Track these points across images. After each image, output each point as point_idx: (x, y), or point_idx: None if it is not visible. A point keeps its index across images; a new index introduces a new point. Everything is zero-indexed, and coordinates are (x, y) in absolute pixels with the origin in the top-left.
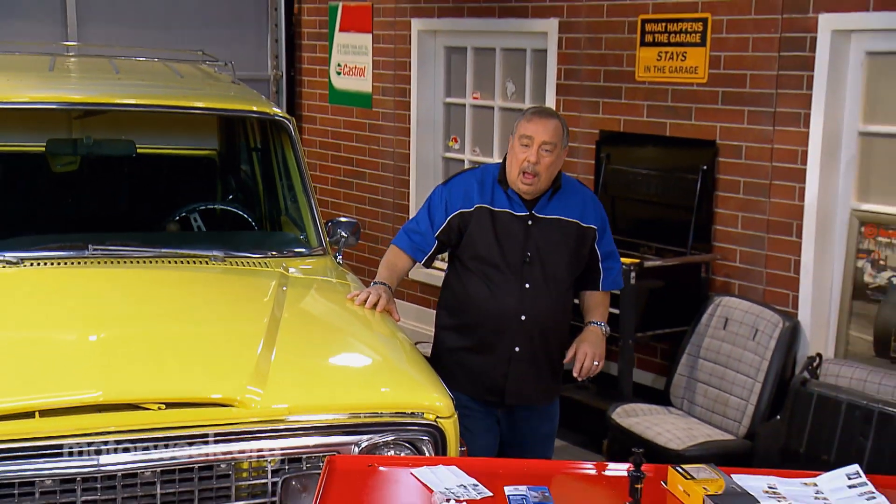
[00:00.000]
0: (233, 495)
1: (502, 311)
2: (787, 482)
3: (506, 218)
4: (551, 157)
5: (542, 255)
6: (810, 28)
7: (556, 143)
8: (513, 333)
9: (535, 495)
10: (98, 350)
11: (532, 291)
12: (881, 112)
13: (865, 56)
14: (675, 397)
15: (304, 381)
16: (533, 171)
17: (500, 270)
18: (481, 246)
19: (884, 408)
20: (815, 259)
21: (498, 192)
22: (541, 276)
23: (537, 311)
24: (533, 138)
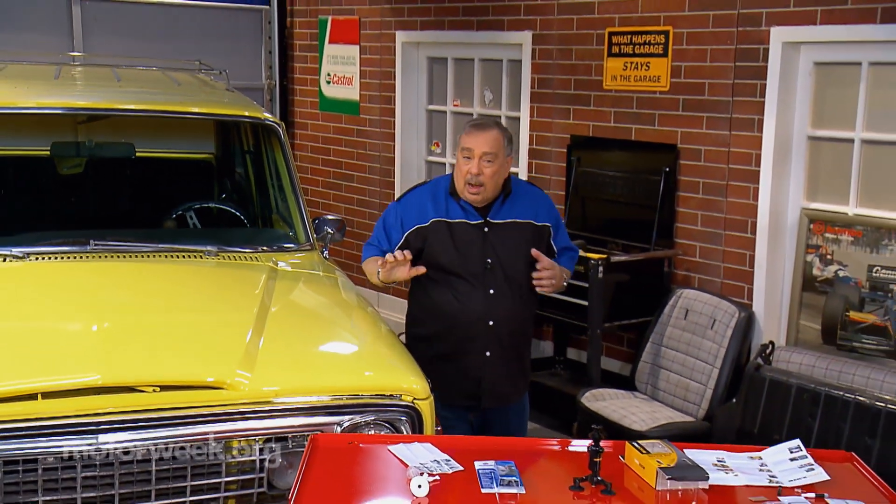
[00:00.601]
0: (223, 472)
1: (470, 319)
2: (735, 456)
3: (463, 228)
4: (493, 166)
5: (501, 259)
6: (763, 40)
7: (497, 153)
8: (483, 339)
9: (502, 469)
10: (97, 337)
11: (497, 296)
12: (828, 118)
13: (813, 66)
14: (640, 383)
15: (290, 366)
16: (476, 182)
17: (463, 279)
18: (442, 257)
19: (830, 391)
20: (768, 254)
21: (451, 203)
22: (503, 280)
23: (504, 315)
24: (473, 150)
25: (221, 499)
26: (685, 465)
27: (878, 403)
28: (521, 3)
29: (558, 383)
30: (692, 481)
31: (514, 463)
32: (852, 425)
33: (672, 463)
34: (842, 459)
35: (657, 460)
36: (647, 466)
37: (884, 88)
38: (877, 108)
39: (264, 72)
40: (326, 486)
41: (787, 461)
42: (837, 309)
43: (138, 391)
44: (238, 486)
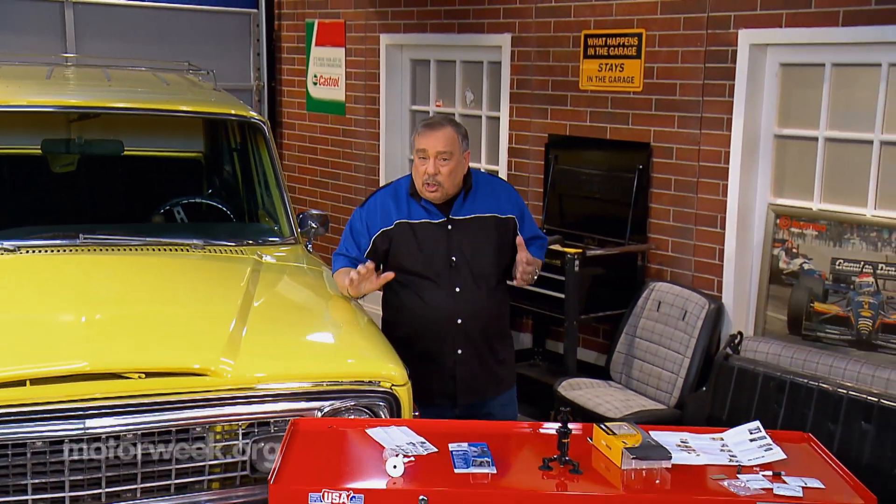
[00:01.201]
0: (207, 455)
1: (438, 319)
2: (698, 437)
3: (426, 228)
4: (450, 164)
5: (467, 256)
6: (731, 42)
7: (452, 151)
8: (453, 338)
9: (474, 450)
10: (85, 326)
11: (464, 294)
12: (794, 117)
13: (780, 67)
14: (615, 372)
15: (272, 353)
16: (434, 181)
17: (428, 279)
18: (406, 259)
19: (794, 378)
20: (736, 248)
21: (413, 204)
22: (469, 277)
23: (472, 312)
24: (427, 150)
25: (206, 482)
26: (649, 445)
27: (840, 390)
28: (500, 7)
29: (537, 374)
30: (656, 461)
31: (486, 445)
32: (816, 411)
33: (637, 444)
34: (799, 440)
35: (623, 441)
36: (613, 447)
37: (846, 88)
38: (839, 108)
39: (253, 73)
40: (305, 466)
41: (746, 441)
42: (802, 300)
43: (125, 378)
44: (222, 469)
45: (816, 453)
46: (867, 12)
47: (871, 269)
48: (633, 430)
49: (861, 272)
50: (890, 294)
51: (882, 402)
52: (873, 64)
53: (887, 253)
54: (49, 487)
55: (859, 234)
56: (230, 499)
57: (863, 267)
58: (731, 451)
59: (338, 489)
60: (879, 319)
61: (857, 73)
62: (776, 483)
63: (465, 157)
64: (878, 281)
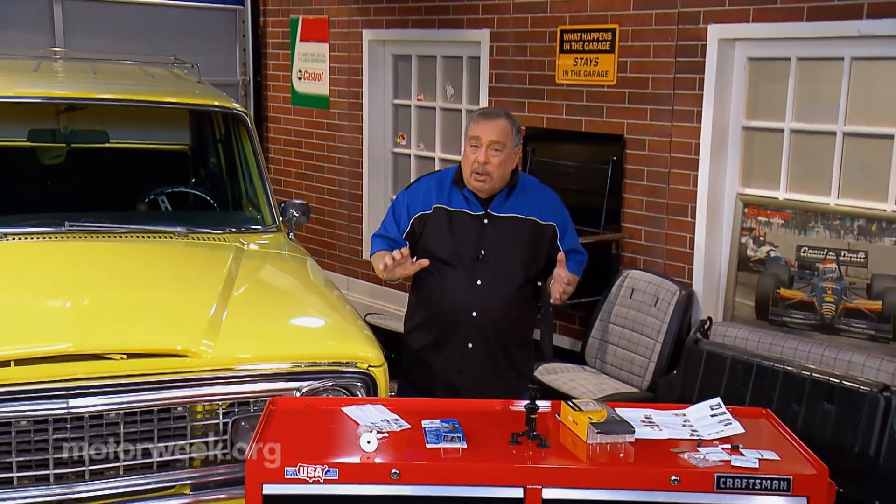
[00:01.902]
0: (188, 434)
1: (453, 307)
2: (661, 413)
3: (462, 217)
4: (501, 155)
5: (496, 252)
6: (701, 37)
7: (505, 143)
8: (465, 330)
9: (446, 426)
10: (69, 309)
11: (484, 288)
12: (761, 109)
13: (747, 61)
14: (590, 357)
15: (252, 335)
16: (483, 170)
17: (452, 268)
18: (437, 244)
19: (761, 361)
20: (706, 237)
21: (455, 192)
22: (494, 273)
23: (489, 308)
24: (480, 139)
25: (187, 460)
26: (614, 420)
27: (804, 372)
28: (479, 3)
29: None
30: (620, 435)
31: (457, 421)
32: (781, 392)
33: (602, 419)
34: (757, 415)
35: (589, 417)
36: (579, 422)
37: (810, 82)
38: (804, 101)
39: (239, 68)
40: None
41: (708, 417)
42: (769, 287)
43: (107, 359)
44: (203, 448)
45: (774, 428)
46: (830, 8)
47: (835, 255)
48: (598, 407)
49: (825, 259)
50: (852, 280)
51: (843, 383)
52: (836, 58)
53: (849, 240)
54: (33, 465)
55: (823, 223)
56: (211, 476)
57: (826, 254)
58: (693, 426)
59: (313, 463)
60: (842, 304)
61: (820, 67)
62: (734, 455)
63: (515, 151)
64: (841, 267)
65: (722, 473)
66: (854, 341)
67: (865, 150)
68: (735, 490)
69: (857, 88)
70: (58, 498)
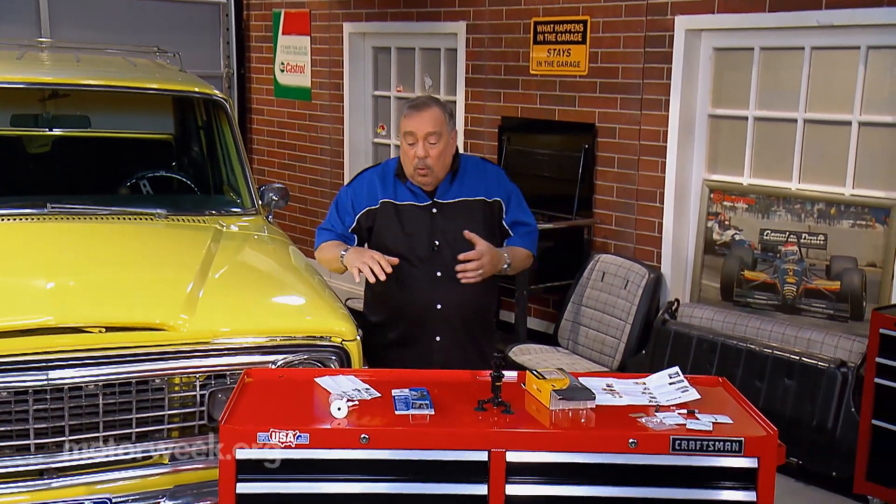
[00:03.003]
0: (166, 405)
1: (417, 303)
2: (622, 382)
3: (410, 210)
4: (439, 146)
5: (450, 241)
6: (669, 28)
7: (441, 132)
8: (432, 324)
9: (415, 394)
10: (50, 284)
11: (444, 279)
12: (726, 98)
13: (713, 51)
14: (562, 339)
15: (228, 310)
16: (424, 165)
17: (409, 262)
18: (389, 240)
19: (725, 340)
20: (674, 221)
21: (399, 186)
22: (451, 262)
23: (452, 299)
24: (415, 133)
25: (165, 431)
26: (576, 387)
27: (766, 350)
28: None
29: None
30: (581, 401)
31: (426, 389)
32: (744, 369)
33: (564, 386)
34: (714, 384)
35: (552, 384)
36: (542, 390)
37: (773, 71)
38: (767, 89)
39: (223, 61)
40: (255, 409)
41: (666, 385)
42: (734, 269)
43: (86, 332)
44: (180, 419)
45: (728, 395)
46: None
47: (796, 238)
48: (561, 375)
49: (786, 242)
50: (812, 261)
51: (803, 360)
52: (797, 48)
53: (810, 223)
54: (14, 435)
55: (785, 207)
56: (188, 447)
57: (788, 237)
58: (652, 394)
59: (285, 429)
60: (803, 285)
61: (782, 56)
62: (690, 419)
63: (452, 136)
64: (802, 249)
65: (677, 436)
66: (814, 320)
67: (825, 136)
68: (690, 452)
69: (817, 77)
70: (39, 467)
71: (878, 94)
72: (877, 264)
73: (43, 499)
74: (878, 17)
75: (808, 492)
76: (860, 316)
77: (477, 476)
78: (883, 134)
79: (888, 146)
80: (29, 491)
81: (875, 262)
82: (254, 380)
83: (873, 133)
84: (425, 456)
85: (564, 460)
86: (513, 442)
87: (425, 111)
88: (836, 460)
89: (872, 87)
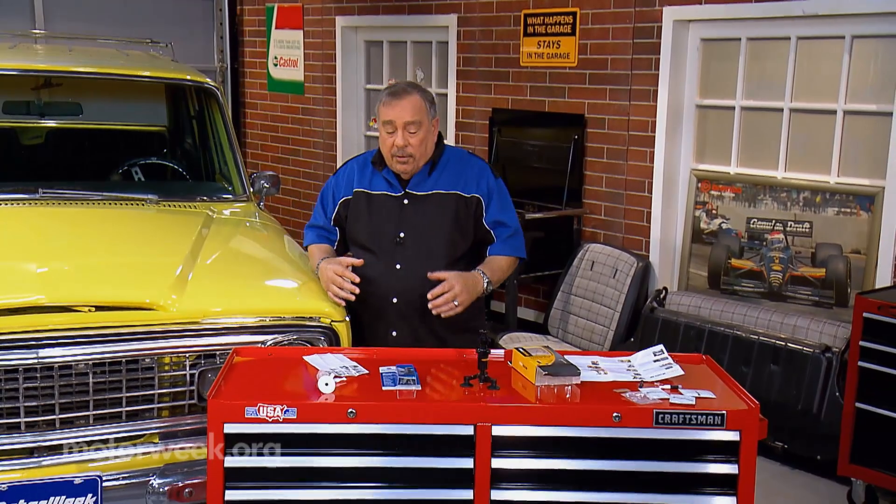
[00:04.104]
0: (156, 384)
1: (374, 295)
2: (608, 360)
3: (381, 200)
4: (420, 134)
5: (416, 234)
6: (657, 19)
7: (421, 120)
8: (388, 317)
9: (402, 370)
10: (41, 265)
11: (404, 272)
12: (713, 88)
13: (700, 42)
14: (552, 327)
15: (218, 291)
16: (404, 153)
17: (372, 253)
18: (357, 230)
19: (713, 327)
20: (662, 210)
21: (375, 175)
22: (414, 255)
23: (409, 292)
24: (394, 122)
25: (155, 410)
26: (561, 364)
27: (752, 336)
28: None
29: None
30: (566, 377)
31: (413, 366)
32: (731, 355)
33: (550, 363)
34: (698, 361)
35: (538, 361)
36: (528, 367)
37: (759, 61)
38: (753, 79)
39: (216, 55)
40: (244, 385)
41: (650, 362)
42: (721, 257)
43: (77, 311)
44: (170, 398)
45: (712, 372)
46: None
47: (782, 226)
48: (547, 353)
49: (773, 230)
50: (798, 249)
51: (788, 345)
52: (783, 37)
53: (796, 211)
54: (5, 413)
55: (771, 195)
56: (178, 426)
57: (774, 225)
58: (636, 371)
59: (272, 403)
60: (788, 272)
61: (769, 46)
62: (673, 394)
63: (434, 124)
64: (788, 237)
65: (660, 410)
66: (799, 307)
67: (810, 125)
68: (672, 425)
69: (802, 66)
70: (29, 445)
71: (863, 83)
72: (861, 251)
73: (33, 477)
74: (861, 7)
75: (794, 475)
76: (845, 302)
77: (463, 450)
78: (867, 122)
79: (872, 134)
80: (19, 469)
81: (859, 249)
82: (243, 357)
83: (858, 121)
84: (412, 430)
85: (549, 434)
86: (498, 416)
87: (405, 98)
88: (821, 444)
89: (857, 75)
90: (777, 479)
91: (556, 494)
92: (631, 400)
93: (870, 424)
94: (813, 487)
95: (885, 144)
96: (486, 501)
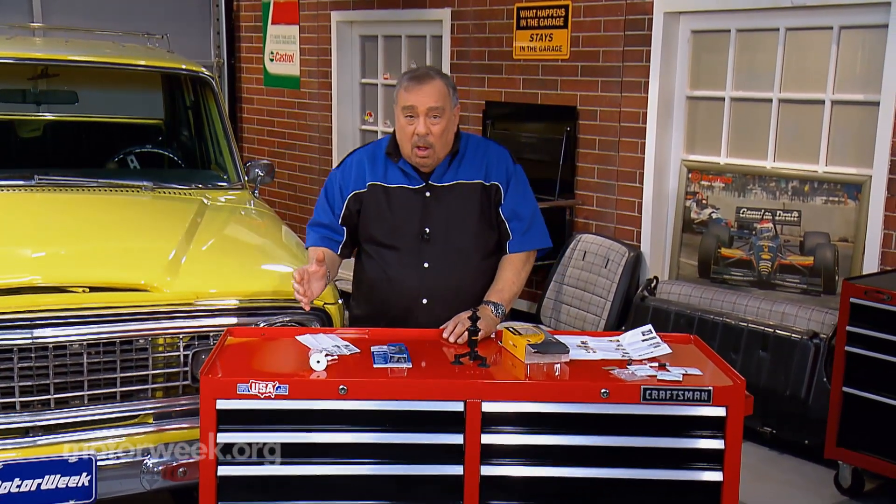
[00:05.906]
0: (150, 365)
1: (401, 296)
2: (597, 339)
3: (400, 193)
4: (442, 122)
5: (443, 229)
6: (647, 11)
7: (444, 107)
8: (417, 320)
9: (393, 349)
10: (37, 248)
11: (433, 271)
12: (703, 80)
13: (691, 34)
14: (545, 317)
15: (211, 273)
16: (425, 142)
17: (395, 251)
18: (375, 226)
19: (703, 315)
20: (653, 201)
21: (391, 166)
22: (442, 252)
23: (440, 292)
24: (416, 108)
25: (149, 390)
26: (550, 342)
27: (741, 324)
28: None
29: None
30: (555, 355)
31: (404, 345)
32: (720, 342)
33: (539, 341)
34: (686, 341)
35: (527, 339)
36: (518, 345)
37: (748, 52)
38: (743, 70)
39: (213, 51)
40: (236, 363)
41: (639, 342)
42: (711, 246)
43: (71, 292)
44: (164, 379)
45: (699, 351)
46: None
47: (771, 216)
48: (537, 331)
49: (762, 219)
50: (787, 238)
51: (777, 332)
52: (772, 29)
53: (784, 200)
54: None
55: (760, 185)
56: (172, 407)
57: (763, 214)
58: (625, 350)
59: (264, 380)
60: (777, 261)
61: (758, 37)
62: (661, 371)
63: (455, 112)
64: (777, 227)
65: (648, 386)
66: (788, 295)
67: (799, 115)
68: (660, 401)
69: (791, 57)
70: (24, 425)
71: (850, 73)
72: (849, 239)
73: (28, 456)
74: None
75: (782, 460)
76: (832, 289)
77: (453, 426)
78: (854, 112)
79: (859, 124)
80: (14, 448)
81: (847, 238)
82: (236, 337)
83: (845, 111)
84: (403, 406)
85: (538, 410)
86: (488, 393)
87: (428, 83)
88: (809, 428)
89: (844, 66)
90: (765, 464)
91: (545, 469)
92: (619, 377)
93: (856, 408)
94: (801, 471)
95: (872, 134)
96: (476, 476)
